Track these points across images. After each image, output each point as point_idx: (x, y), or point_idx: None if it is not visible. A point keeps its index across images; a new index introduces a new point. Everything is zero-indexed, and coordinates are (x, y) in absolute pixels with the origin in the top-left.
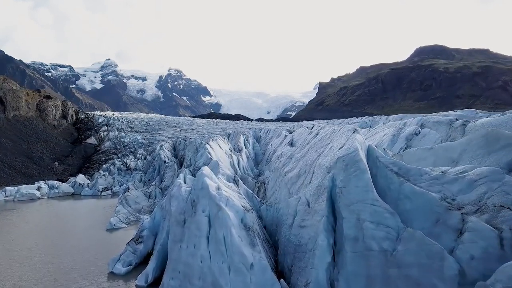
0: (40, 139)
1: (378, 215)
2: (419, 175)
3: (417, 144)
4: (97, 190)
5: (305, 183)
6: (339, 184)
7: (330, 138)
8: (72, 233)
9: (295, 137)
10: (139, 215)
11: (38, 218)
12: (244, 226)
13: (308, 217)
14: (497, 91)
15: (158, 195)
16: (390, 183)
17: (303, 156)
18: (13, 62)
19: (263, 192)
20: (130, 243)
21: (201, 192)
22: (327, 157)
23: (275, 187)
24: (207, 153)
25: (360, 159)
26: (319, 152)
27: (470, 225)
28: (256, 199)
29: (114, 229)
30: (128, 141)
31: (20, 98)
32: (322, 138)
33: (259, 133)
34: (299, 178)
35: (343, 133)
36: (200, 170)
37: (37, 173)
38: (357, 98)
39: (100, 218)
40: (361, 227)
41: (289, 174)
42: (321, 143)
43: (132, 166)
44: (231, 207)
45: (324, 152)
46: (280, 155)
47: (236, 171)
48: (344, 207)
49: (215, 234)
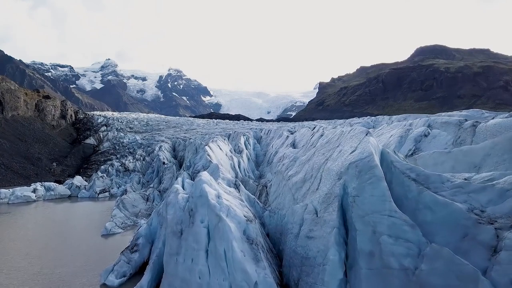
0: (38, 139)
1: (397, 228)
2: (440, 183)
3: (426, 146)
4: (94, 192)
5: (311, 189)
6: (352, 192)
7: (339, 140)
8: (65, 239)
9: (297, 138)
10: (136, 219)
11: (31, 223)
12: (247, 238)
13: (316, 227)
14: (498, 91)
15: (156, 197)
16: (407, 191)
17: (309, 160)
18: (12, 62)
19: (265, 196)
20: (124, 252)
21: (200, 200)
22: (337, 162)
23: (278, 191)
24: (206, 156)
25: (376, 164)
26: (326, 155)
27: (508, 242)
28: (258, 205)
29: (109, 235)
30: (127, 141)
31: (18, 98)
32: (329, 140)
33: (260, 133)
34: (305, 183)
35: (354, 135)
36: (198, 176)
37: (35, 174)
38: (358, 98)
39: (96, 222)
40: (378, 241)
41: (293, 178)
42: (329, 146)
43: (130, 167)
44: (232, 218)
45: (333, 156)
46: (283, 156)
47: (237, 174)
48: (357, 218)
49: (215, 248)
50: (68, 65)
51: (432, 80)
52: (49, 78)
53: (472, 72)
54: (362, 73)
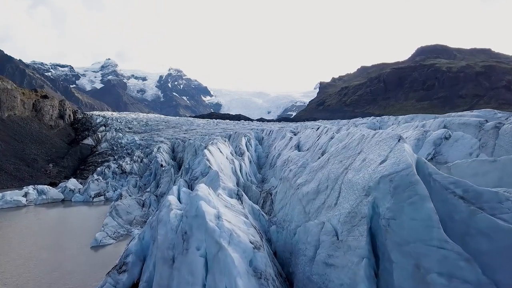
0: (35, 140)
1: (450, 263)
2: (497, 202)
3: (448, 150)
4: (88, 196)
5: (327, 203)
6: (385, 214)
7: (360, 146)
8: (50, 252)
9: (301, 140)
10: (130, 228)
11: (16, 232)
12: (254, 271)
13: (337, 253)
14: (501, 91)
15: (153, 203)
16: (453, 211)
17: (322, 167)
18: (12, 62)
19: (269, 205)
20: (111, 273)
21: (195, 221)
22: (361, 173)
23: (284, 200)
24: (205, 161)
25: (417, 180)
26: (345, 164)
27: None
28: (263, 217)
29: (100, 247)
30: (125, 142)
31: (15, 97)
32: (347, 145)
33: (261, 134)
34: (318, 194)
35: (380, 140)
36: (194, 190)
37: (29, 176)
38: (359, 98)
39: (87, 230)
40: (424, 280)
41: (303, 188)
42: (347, 152)
43: (127, 170)
44: (235, 246)
45: (354, 165)
46: (287, 160)
47: (239, 178)
48: (394, 246)
49: (214, 284)
50: (68, 65)
51: (434, 79)
52: (49, 78)
53: (474, 71)
54: (363, 73)
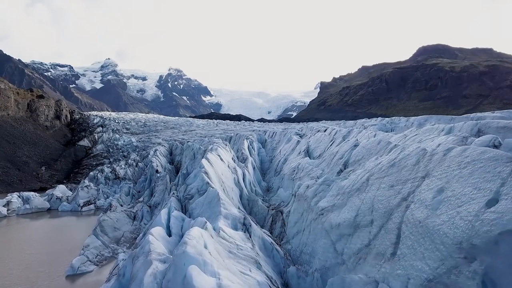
0: (29, 141)
1: None
2: None
3: None
4: (77, 205)
5: (377, 249)
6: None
7: (424, 166)
8: (15, 284)
9: (311, 144)
10: (116, 248)
11: None
12: None
13: None
14: (505, 91)
15: (145, 215)
16: None
17: (358, 190)
18: (11, 61)
19: (280, 226)
20: None
21: None
22: (446, 216)
23: (301, 225)
24: (203, 174)
25: None
26: (401, 191)
27: None
28: (277, 254)
29: (77, 276)
30: (122, 143)
31: (8, 97)
32: (397, 163)
33: (264, 136)
34: (357, 230)
35: (471, 162)
36: (182, 244)
37: (18, 181)
38: (361, 98)
39: (66, 251)
40: None
41: (332, 216)
42: (401, 174)
43: (121, 175)
44: None
45: (423, 198)
46: (297, 168)
47: (242, 190)
48: None
49: None
50: (68, 65)
51: (436, 79)
52: (48, 77)
53: (478, 71)
54: (364, 73)
